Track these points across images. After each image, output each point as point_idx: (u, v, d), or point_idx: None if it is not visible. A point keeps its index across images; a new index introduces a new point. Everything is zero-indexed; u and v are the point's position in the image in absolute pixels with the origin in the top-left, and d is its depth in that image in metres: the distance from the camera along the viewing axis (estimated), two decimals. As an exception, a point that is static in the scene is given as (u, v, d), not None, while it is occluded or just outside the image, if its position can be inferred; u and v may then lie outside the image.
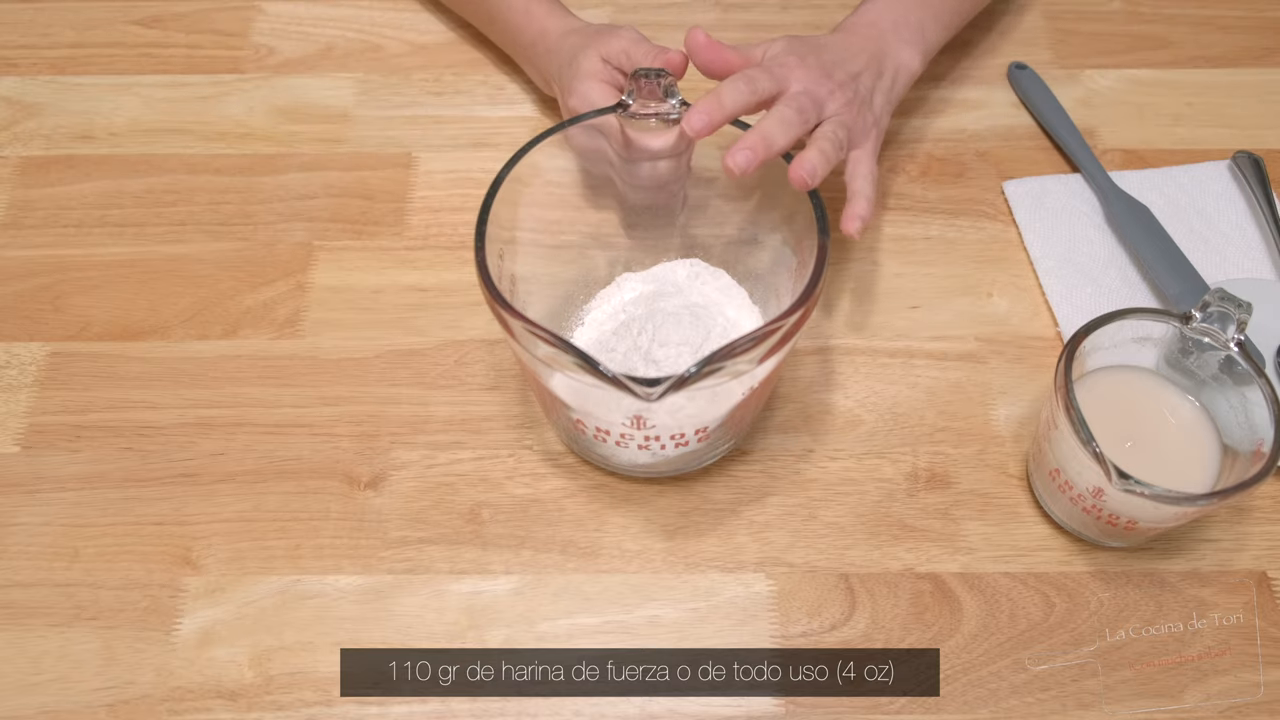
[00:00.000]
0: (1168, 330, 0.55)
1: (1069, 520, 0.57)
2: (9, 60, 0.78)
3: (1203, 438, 0.56)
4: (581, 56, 0.63)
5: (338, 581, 0.57)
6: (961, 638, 0.55)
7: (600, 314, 0.61)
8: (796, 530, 0.58)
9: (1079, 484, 0.53)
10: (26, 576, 0.57)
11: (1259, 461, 0.50)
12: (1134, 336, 0.56)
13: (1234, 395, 0.54)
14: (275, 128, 0.74)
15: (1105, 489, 0.51)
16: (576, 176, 0.59)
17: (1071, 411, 0.51)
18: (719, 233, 0.62)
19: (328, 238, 0.69)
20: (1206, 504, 0.49)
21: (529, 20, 0.69)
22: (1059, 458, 0.54)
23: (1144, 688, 0.54)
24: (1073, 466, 0.53)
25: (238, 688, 0.54)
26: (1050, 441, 0.54)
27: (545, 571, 0.57)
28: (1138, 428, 0.56)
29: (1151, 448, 0.55)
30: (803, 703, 0.53)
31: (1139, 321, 0.55)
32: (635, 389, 0.45)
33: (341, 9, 0.81)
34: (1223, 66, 0.77)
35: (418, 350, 0.64)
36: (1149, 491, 0.48)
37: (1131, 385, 0.58)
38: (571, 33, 0.66)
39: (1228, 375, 0.54)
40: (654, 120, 0.54)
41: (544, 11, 0.69)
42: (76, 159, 0.73)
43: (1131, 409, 0.57)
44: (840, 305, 0.66)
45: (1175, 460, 0.55)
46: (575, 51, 0.64)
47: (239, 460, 0.60)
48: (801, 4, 0.81)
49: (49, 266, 0.68)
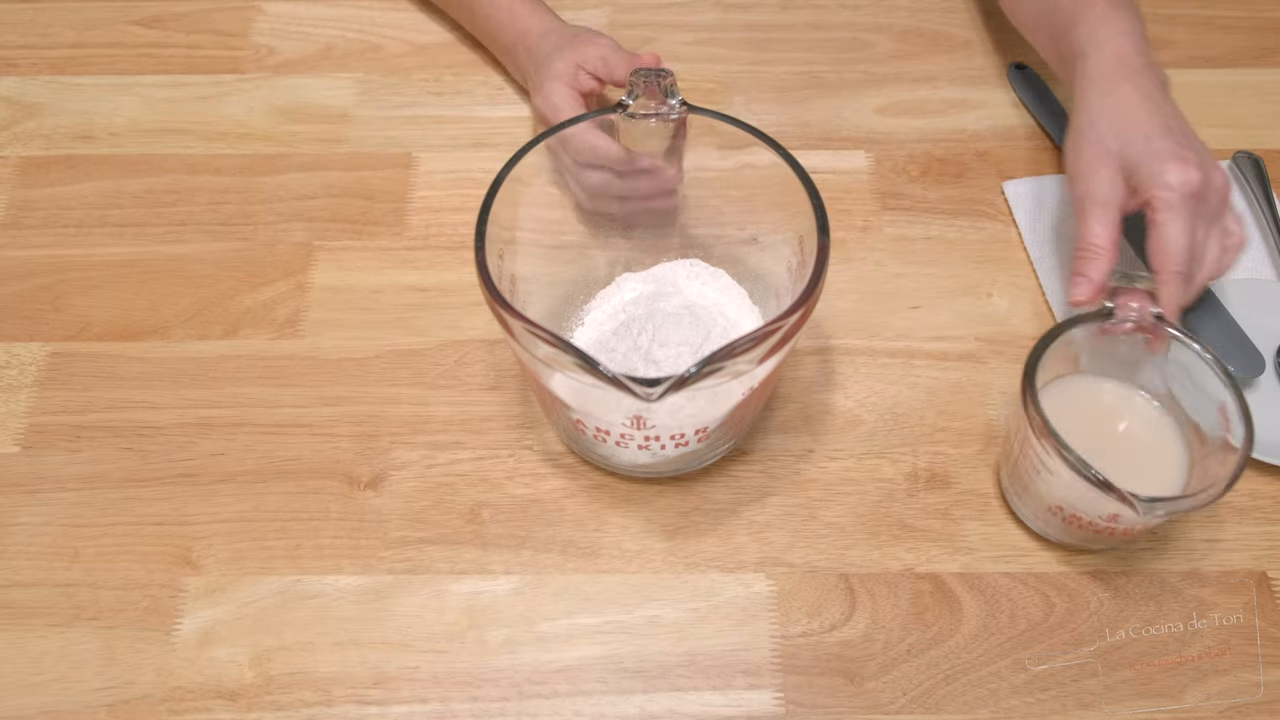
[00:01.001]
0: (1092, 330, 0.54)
1: (1057, 535, 0.57)
2: (9, 60, 0.78)
3: (1167, 434, 0.56)
4: (555, 58, 0.64)
5: (338, 581, 0.57)
6: (961, 638, 0.55)
7: (600, 314, 0.61)
8: (796, 530, 0.58)
9: (1090, 514, 0.53)
10: (26, 576, 0.57)
11: (1230, 454, 0.50)
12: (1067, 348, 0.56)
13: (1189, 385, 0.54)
14: (275, 128, 0.74)
15: (1123, 514, 0.51)
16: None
17: (1067, 454, 0.50)
18: (719, 233, 0.62)
19: (328, 238, 0.69)
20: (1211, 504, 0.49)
21: (512, 19, 0.70)
22: (1059, 497, 0.53)
23: (1144, 688, 0.54)
24: (1081, 504, 0.52)
25: (238, 688, 0.54)
26: (1043, 483, 0.54)
27: (545, 571, 0.57)
28: (1103, 435, 0.56)
29: (1122, 453, 0.55)
30: (803, 703, 0.53)
31: (1071, 333, 0.54)
32: (635, 389, 0.45)
33: (341, 9, 0.81)
34: (1223, 66, 0.77)
35: (418, 350, 0.64)
36: (1170, 510, 0.48)
37: (1082, 393, 0.57)
38: (550, 33, 0.67)
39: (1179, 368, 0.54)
40: (654, 120, 0.54)
41: (526, 11, 0.70)
42: (76, 159, 0.73)
43: (1091, 417, 0.56)
44: (840, 305, 0.66)
45: (1148, 461, 0.55)
46: (550, 53, 0.65)
47: (239, 460, 0.60)
48: (802, 4, 0.81)
49: (49, 266, 0.68)
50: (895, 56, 0.78)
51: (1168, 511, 0.48)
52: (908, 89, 0.76)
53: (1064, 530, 0.56)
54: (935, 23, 0.80)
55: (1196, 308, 0.63)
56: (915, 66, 0.77)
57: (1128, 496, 0.48)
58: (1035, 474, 0.54)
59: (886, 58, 0.78)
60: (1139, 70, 0.59)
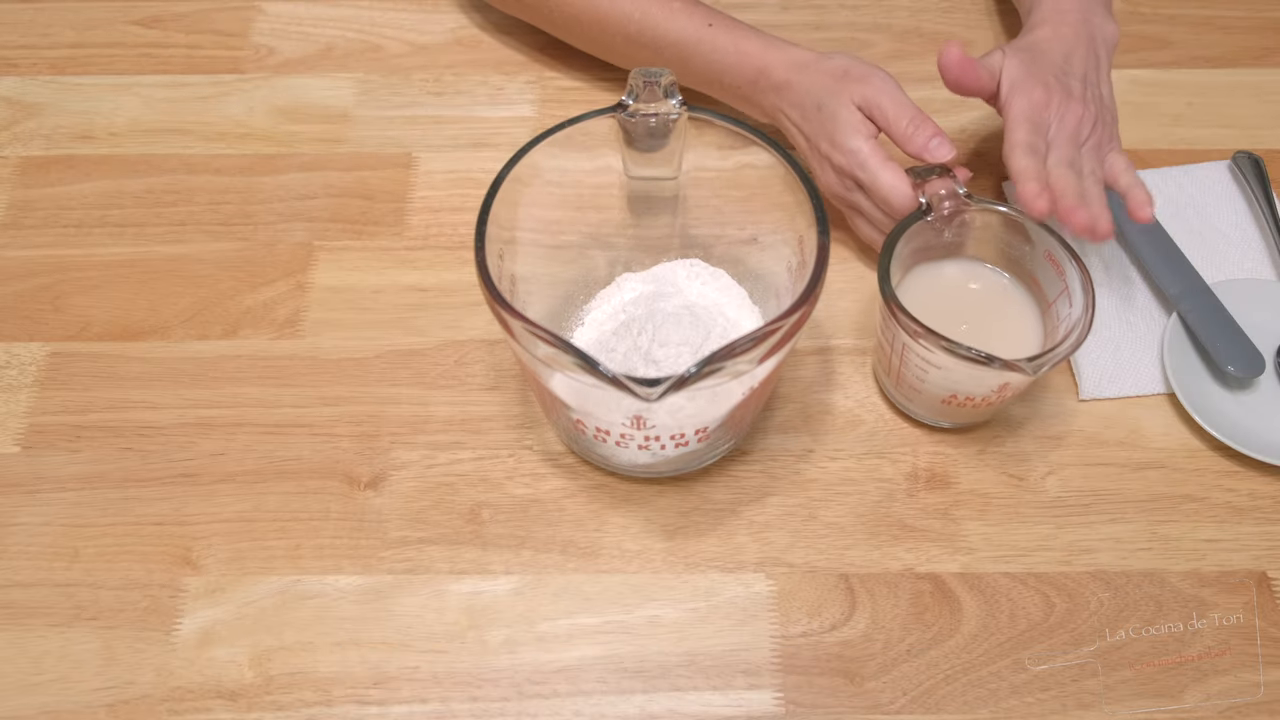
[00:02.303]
0: (919, 228, 0.58)
1: (951, 421, 0.61)
2: (9, 60, 0.78)
3: (1015, 296, 0.60)
4: (835, 105, 0.62)
5: (338, 581, 0.57)
6: (961, 638, 0.55)
7: (600, 314, 0.61)
8: (796, 530, 0.58)
9: (981, 392, 0.56)
10: (26, 576, 0.57)
11: (1075, 293, 0.55)
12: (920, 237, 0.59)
13: (1020, 245, 0.58)
14: (275, 128, 0.74)
15: (1011, 380, 0.54)
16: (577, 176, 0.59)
17: (955, 349, 0.52)
18: (719, 233, 0.62)
19: (328, 238, 0.69)
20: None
21: (743, 59, 0.65)
22: (951, 387, 0.56)
23: (1144, 688, 0.54)
24: (971, 385, 0.55)
25: (238, 688, 0.54)
26: (932, 382, 0.56)
27: (545, 571, 0.57)
28: (965, 315, 0.59)
29: (987, 324, 0.59)
30: (803, 703, 0.53)
31: (903, 238, 0.57)
32: (635, 389, 0.45)
33: (341, 9, 0.81)
34: (1223, 66, 0.77)
35: (418, 350, 0.64)
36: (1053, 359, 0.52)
37: (933, 284, 0.60)
38: (802, 69, 0.63)
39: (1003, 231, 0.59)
40: (654, 120, 0.54)
41: (758, 48, 0.65)
42: (76, 159, 0.73)
43: (949, 302, 0.59)
44: (840, 305, 0.66)
45: (1009, 325, 0.59)
46: (823, 96, 0.62)
47: (239, 460, 0.60)
48: (802, 4, 0.81)
49: (49, 266, 0.68)
50: (895, 56, 0.78)
51: (1051, 363, 0.52)
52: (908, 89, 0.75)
53: (957, 414, 0.59)
54: (935, 23, 0.80)
55: (1197, 308, 0.63)
56: (915, 66, 0.77)
57: (1017, 365, 0.51)
58: (924, 375, 0.56)
59: (886, 58, 0.78)
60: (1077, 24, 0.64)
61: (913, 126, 0.60)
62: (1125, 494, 0.59)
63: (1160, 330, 0.64)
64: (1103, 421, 0.62)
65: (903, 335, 0.55)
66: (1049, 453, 0.61)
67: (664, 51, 0.69)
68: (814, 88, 0.63)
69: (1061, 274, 0.56)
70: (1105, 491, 0.59)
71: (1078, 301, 0.54)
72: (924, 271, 0.60)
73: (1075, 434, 0.61)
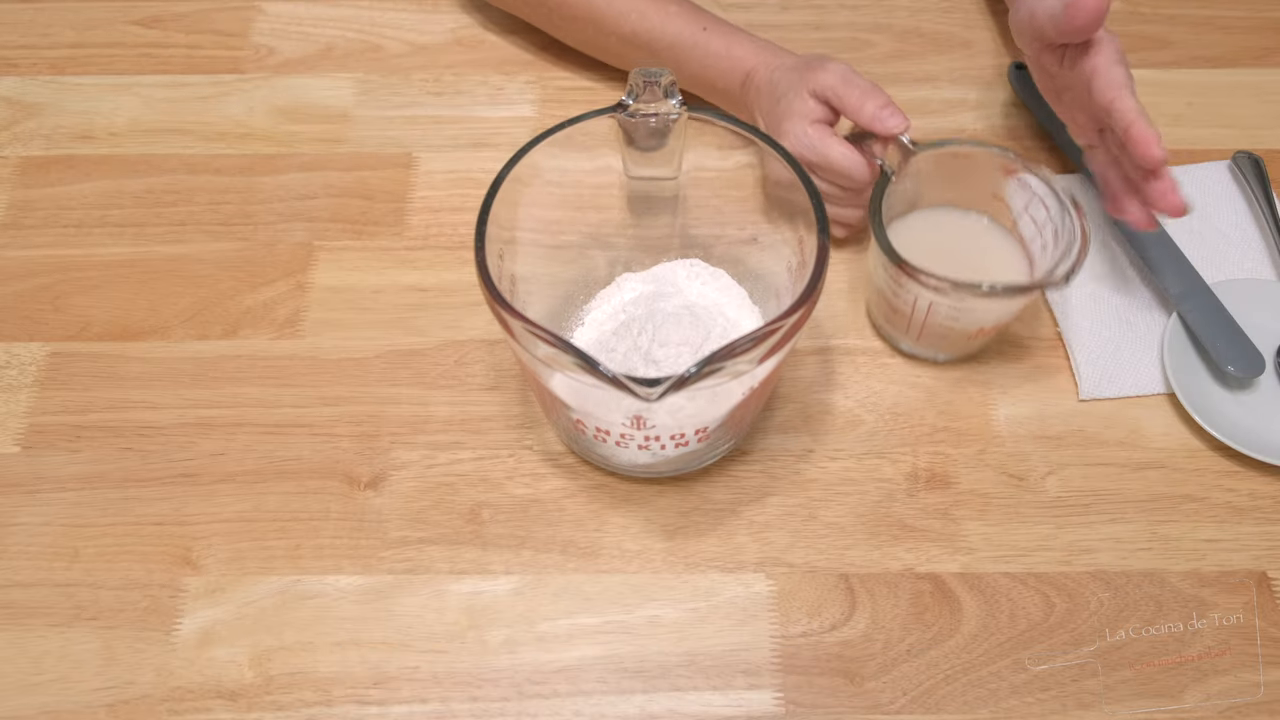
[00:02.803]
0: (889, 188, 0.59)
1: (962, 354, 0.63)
2: (9, 60, 0.78)
3: (998, 231, 0.62)
4: (793, 95, 0.62)
5: (338, 581, 0.57)
6: (961, 638, 0.55)
7: (600, 314, 0.61)
8: (796, 530, 0.58)
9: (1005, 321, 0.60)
10: (26, 576, 0.57)
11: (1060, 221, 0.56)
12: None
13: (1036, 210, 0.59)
14: (275, 128, 0.74)
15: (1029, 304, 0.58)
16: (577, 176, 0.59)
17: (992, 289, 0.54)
18: (719, 233, 0.62)
19: (328, 238, 0.69)
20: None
21: (734, 63, 0.66)
22: (987, 324, 0.59)
23: (1144, 688, 0.54)
24: (1005, 318, 0.59)
25: (238, 688, 0.54)
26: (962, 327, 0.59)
27: (545, 571, 0.57)
28: (961, 254, 0.60)
29: (988, 259, 0.61)
30: (803, 703, 0.53)
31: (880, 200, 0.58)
32: (635, 389, 0.45)
33: (341, 9, 0.81)
34: (1223, 66, 0.77)
35: (418, 350, 0.64)
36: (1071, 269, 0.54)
37: (924, 231, 0.62)
38: (778, 68, 0.64)
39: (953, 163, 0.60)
40: (654, 120, 0.54)
41: (749, 52, 0.66)
42: (76, 159, 0.73)
43: (943, 245, 0.61)
44: (840, 305, 0.66)
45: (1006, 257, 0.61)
46: (786, 90, 0.63)
47: (239, 460, 0.60)
48: (802, 4, 0.81)
49: (49, 266, 0.68)
50: (895, 56, 0.78)
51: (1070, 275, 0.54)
52: (908, 89, 0.76)
53: (968, 345, 0.62)
54: (935, 23, 0.80)
55: (1197, 308, 0.63)
56: (915, 66, 0.77)
57: (1054, 280, 0.54)
58: (953, 323, 0.59)
59: (886, 58, 0.78)
60: None
61: (862, 99, 0.60)
62: (1125, 494, 0.59)
63: (1160, 330, 0.64)
64: (1103, 421, 0.62)
65: (926, 294, 0.56)
66: (1049, 453, 0.61)
67: (660, 54, 0.69)
68: (780, 83, 0.64)
69: (1022, 180, 0.58)
70: (1105, 491, 0.59)
71: (1051, 202, 0.56)
72: (899, 229, 0.62)
73: (1075, 434, 0.61)
